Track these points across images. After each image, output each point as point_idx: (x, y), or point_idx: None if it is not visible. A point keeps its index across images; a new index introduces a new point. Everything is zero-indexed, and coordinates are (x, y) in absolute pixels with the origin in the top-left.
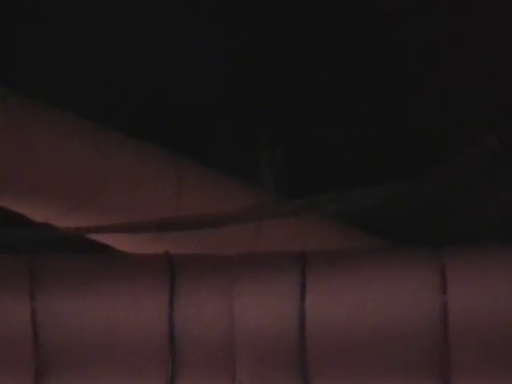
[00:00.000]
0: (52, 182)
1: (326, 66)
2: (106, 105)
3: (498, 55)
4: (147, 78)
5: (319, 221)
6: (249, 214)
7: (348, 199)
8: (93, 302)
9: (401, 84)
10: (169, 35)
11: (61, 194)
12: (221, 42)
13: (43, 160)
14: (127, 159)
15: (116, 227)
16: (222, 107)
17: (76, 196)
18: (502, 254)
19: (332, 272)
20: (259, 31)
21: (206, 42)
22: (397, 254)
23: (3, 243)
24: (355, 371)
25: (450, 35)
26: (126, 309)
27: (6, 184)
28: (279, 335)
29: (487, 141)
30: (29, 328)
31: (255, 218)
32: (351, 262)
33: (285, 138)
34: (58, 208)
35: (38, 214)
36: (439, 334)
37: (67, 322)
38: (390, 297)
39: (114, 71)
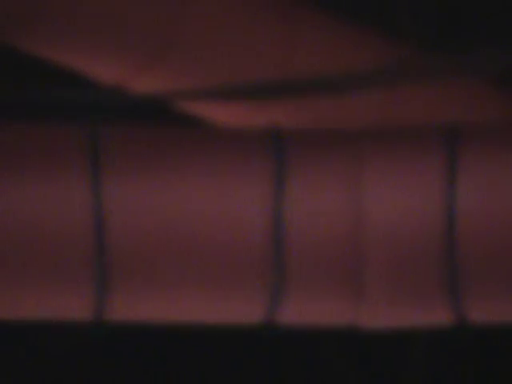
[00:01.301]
0: (121, 26)
1: None
2: None
3: None
4: None
5: (474, 86)
6: (382, 75)
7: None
8: (175, 190)
9: None
10: None
11: (135, 45)
12: None
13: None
14: (219, 1)
15: (205, 92)
16: None
17: (150, 51)
18: None
19: (493, 153)
20: None
21: None
22: None
23: (59, 110)
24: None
25: None
26: (215, 200)
27: (72, 38)
28: (422, 236)
29: None
30: (91, 223)
31: (390, 81)
32: None
33: None
34: (132, 65)
35: (105, 73)
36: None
37: (141, 213)
38: None
39: None
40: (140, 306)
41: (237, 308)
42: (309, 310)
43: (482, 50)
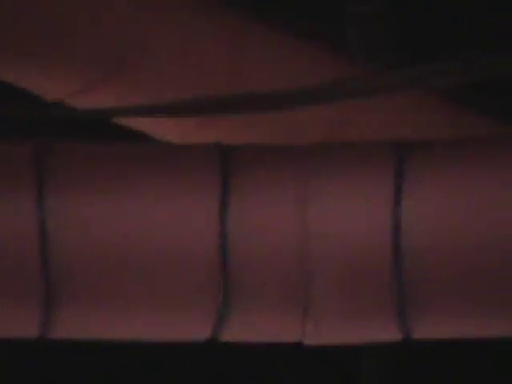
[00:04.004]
0: (67, 48)
1: None
2: None
3: None
4: None
5: (420, 101)
6: (329, 92)
7: (464, 67)
8: (120, 205)
9: None
10: None
11: (79, 65)
12: None
13: (58, 22)
14: (169, 16)
15: (152, 108)
16: None
17: (99, 67)
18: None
19: (437, 168)
20: None
21: None
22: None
23: (5, 126)
24: (462, 301)
25: None
26: (163, 215)
27: (12, 54)
28: (368, 250)
29: None
30: (36, 238)
31: (337, 97)
32: (460, 155)
33: None
34: (75, 83)
35: (50, 91)
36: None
37: (85, 231)
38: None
39: None
40: (86, 323)
41: (183, 325)
42: (255, 326)
43: (429, 64)
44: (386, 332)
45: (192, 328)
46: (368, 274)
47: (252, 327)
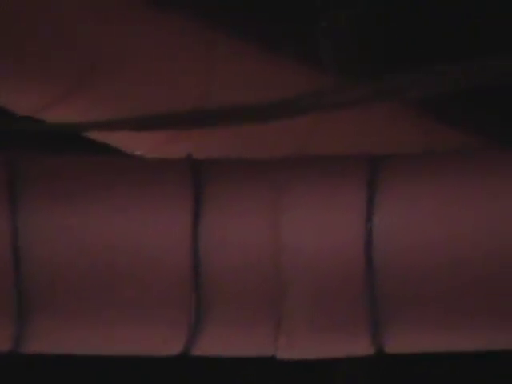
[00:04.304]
0: (36, 60)
1: None
2: None
3: None
4: None
5: (393, 113)
6: (299, 105)
7: (437, 80)
8: (91, 219)
9: None
10: None
11: (48, 77)
12: None
13: (20, 34)
14: (139, 30)
15: (121, 122)
16: None
17: (67, 80)
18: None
19: (409, 181)
20: None
21: None
22: (491, 156)
23: None
24: (434, 316)
25: None
26: (133, 229)
27: None
28: (341, 264)
29: None
30: (8, 252)
31: (309, 110)
32: (433, 168)
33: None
34: (43, 96)
35: (22, 102)
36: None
37: (58, 246)
38: (491, 213)
39: None
40: (59, 337)
41: (155, 339)
42: (228, 340)
43: (402, 75)
44: (359, 346)
45: (164, 343)
46: (340, 288)
47: (224, 341)
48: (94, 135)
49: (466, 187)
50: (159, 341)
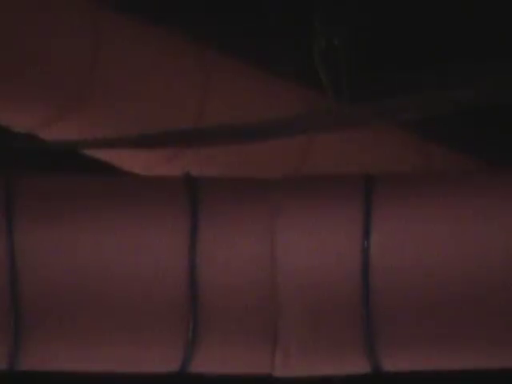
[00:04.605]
0: (36, 80)
1: None
2: None
3: None
4: None
5: (387, 134)
6: (295, 125)
7: (427, 103)
8: (88, 237)
9: None
10: None
11: (47, 96)
12: None
13: (27, 54)
14: (136, 50)
15: (119, 140)
16: None
17: (67, 98)
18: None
19: (405, 202)
20: None
21: None
22: (482, 177)
23: None
24: (429, 333)
25: None
26: (131, 246)
27: None
28: (337, 284)
29: None
30: (5, 269)
31: (304, 130)
32: (428, 188)
33: (344, 24)
34: (46, 113)
35: (20, 121)
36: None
37: (55, 262)
38: (483, 231)
39: None
40: (55, 355)
41: (153, 358)
42: (224, 359)
43: (398, 98)
44: (355, 364)
45: (161, 362)
46: (336, 307)
47: (221, 360)
48: (91, 153)
49: (454, 209)
50: (157, 360)
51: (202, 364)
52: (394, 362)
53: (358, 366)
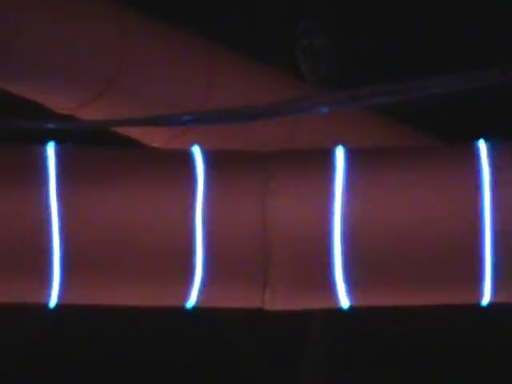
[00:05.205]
0: (74, 65)
1: None
2: None
3: None
4: None
5: (366, 116)
6: (286, 107)
7: (403, 90)
8: (118, 198)
9: None
10: None
11: (84, 80)
12: None
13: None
14: (155, 48)
15: (138, 120)
16: None
17: (99, 83)
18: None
19: (383, 171)
20: None
21: None
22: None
23: (29, 134)
24: (401, 280)
25: None
26: (148, 204)
27: (28, 67)
28: (318, 238)
29: None
30: (57, 221)
31: (293, 112)
32: (402, 160)
33: (327, 23)
34: (80, 97)
35: (59, 104)
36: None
37: (93, 218)
38: (434, 201)
39: None
40: (93, 290)
41: (167, 293)
42: (225, 295)
43: (376, 85)
44: (336, 300)
45: (174, 295)
46: (316, 255)
47: (222, 296)
48: (119, 130)
49: (415, 178)
50: (171, 293)
51: (208, 300)
52: (368, 299)
53: (337, 302)
